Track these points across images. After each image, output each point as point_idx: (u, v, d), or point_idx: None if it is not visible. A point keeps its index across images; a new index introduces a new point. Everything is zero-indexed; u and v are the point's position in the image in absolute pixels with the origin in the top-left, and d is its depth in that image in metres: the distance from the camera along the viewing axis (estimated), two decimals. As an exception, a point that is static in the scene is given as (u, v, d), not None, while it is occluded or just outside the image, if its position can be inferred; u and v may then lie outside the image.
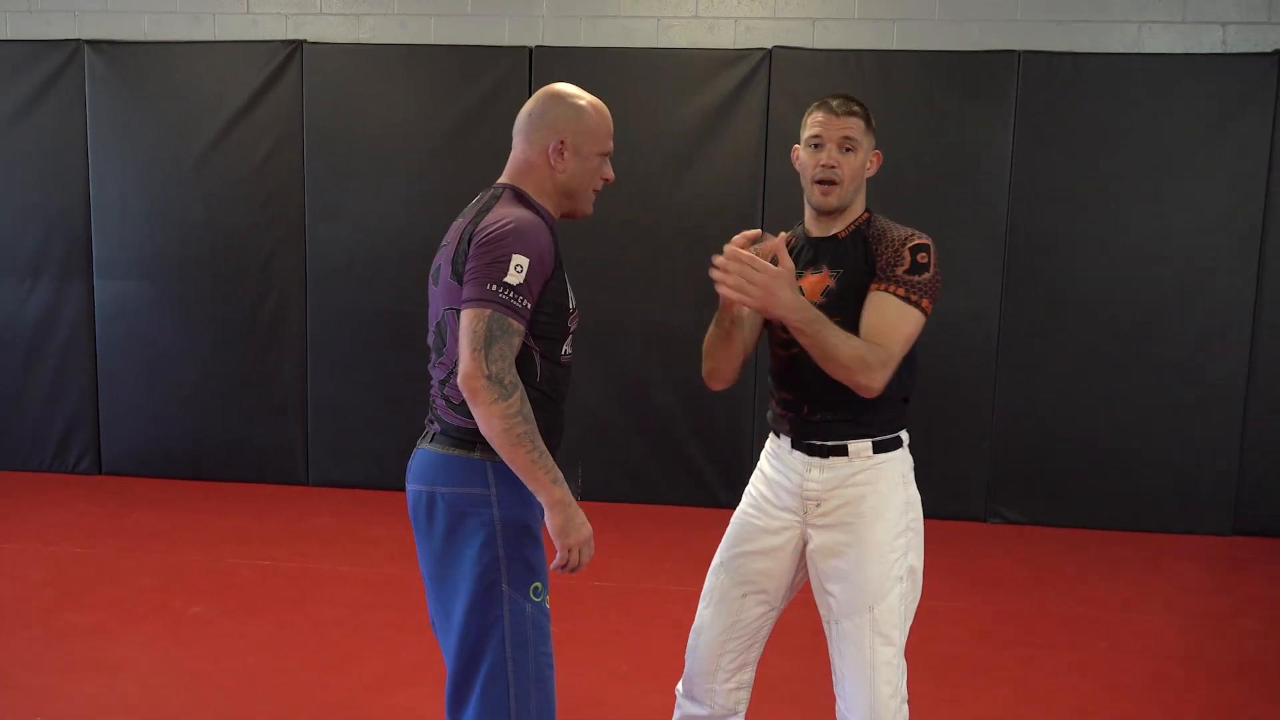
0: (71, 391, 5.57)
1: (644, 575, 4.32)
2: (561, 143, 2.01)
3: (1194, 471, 5.04)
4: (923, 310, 2.10)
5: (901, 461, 2.22)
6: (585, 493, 5.33)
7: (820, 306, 2.10)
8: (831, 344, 2.02)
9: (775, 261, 1.99)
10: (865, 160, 2.21)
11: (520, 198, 2.02)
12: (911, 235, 2.15)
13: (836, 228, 2.23)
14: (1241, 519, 5.05)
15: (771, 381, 2.31)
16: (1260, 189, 4.89)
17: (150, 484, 5.46)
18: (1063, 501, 5.11)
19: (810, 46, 5.11)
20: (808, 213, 2.28)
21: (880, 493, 2.16)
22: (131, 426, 5.56)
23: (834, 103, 2.20)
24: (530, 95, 2.14)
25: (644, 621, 3.85)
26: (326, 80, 5.29)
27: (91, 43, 5.38)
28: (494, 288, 1.86)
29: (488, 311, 1.86)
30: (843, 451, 2.17)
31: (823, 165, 2.17)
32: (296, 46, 5.30)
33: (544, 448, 1.90)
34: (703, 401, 5.24)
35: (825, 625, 2.23)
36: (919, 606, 2.22)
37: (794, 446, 2.23)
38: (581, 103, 2.06)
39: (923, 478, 2.26)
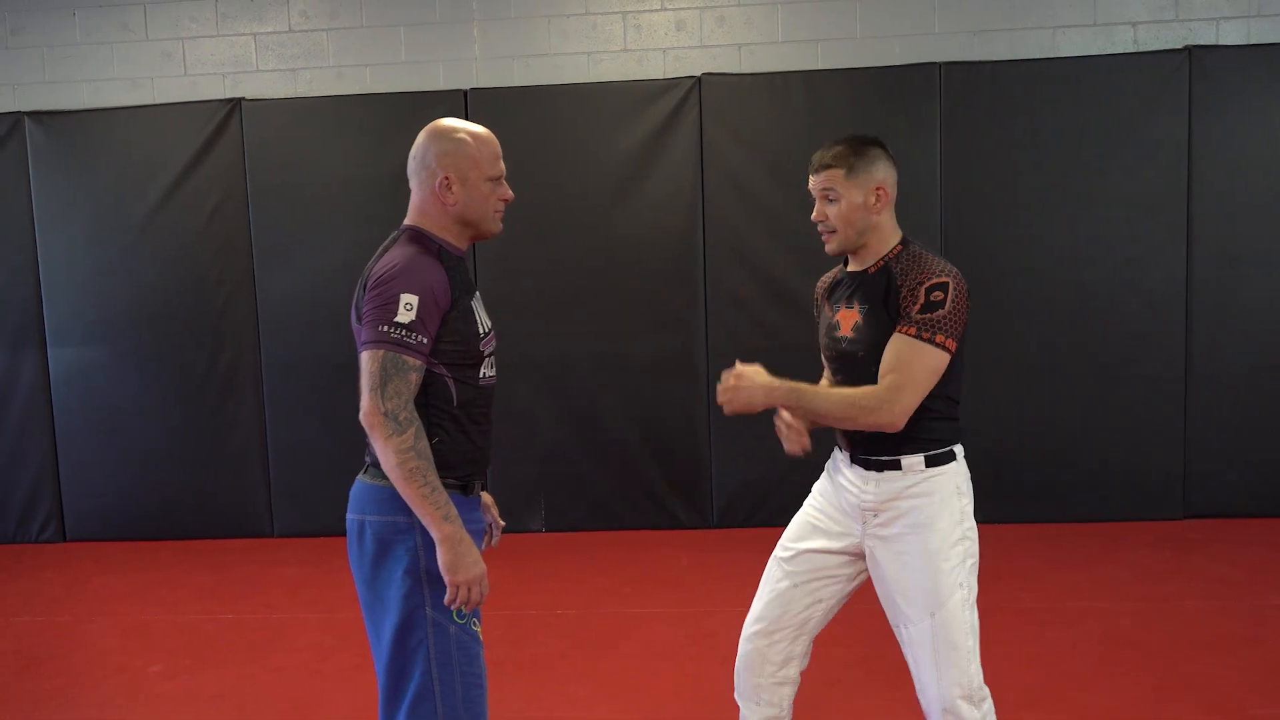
0: (31, 460, 5.57)
1: (603, 600, 4.36)
2: (446, 178, 2.06)
3: (1142, 459, 5.14)
4: (938, 345, 2.15)
5: (955, 474, 2.27)
6: (549, 524, 5.37)
7: (851, 341, 2.28)
8: (820, 407, 2.21)
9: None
10: (858, 202, 2.24)
11: (418, 237, 2.08)
12: (932, 273, 2.18)
13: (866, 264, 2.30)
14: (1191, 502, 5.15)
15: None
16: (1182, 181, 5.03)
17: (115, 547, 5.45)
18: (1017, 499, 5.19)
19: (738, 72, 5.22)
20: None
21: (934, 504, 2.24)
22: (93, 491, 5.56)
23: (815, 158, 2.29)
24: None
25: (603, 645, 3.89)
26: (267, 135, 5.37)
27: (32, 114, 5.44)
28: (385, 328, 1.94)
29: (381, 352, 1.94)
30: (896, 466, 2.25)
31: (816, 219, 2.31)
32: (235, 104, 5.37)
33: (437, 484, 1.95)
34: (658, 426, 5.31)
35: (895, 630, 2.32)
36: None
37: (852, 460, 2.32)
38: (460, 134, 2.09)
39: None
